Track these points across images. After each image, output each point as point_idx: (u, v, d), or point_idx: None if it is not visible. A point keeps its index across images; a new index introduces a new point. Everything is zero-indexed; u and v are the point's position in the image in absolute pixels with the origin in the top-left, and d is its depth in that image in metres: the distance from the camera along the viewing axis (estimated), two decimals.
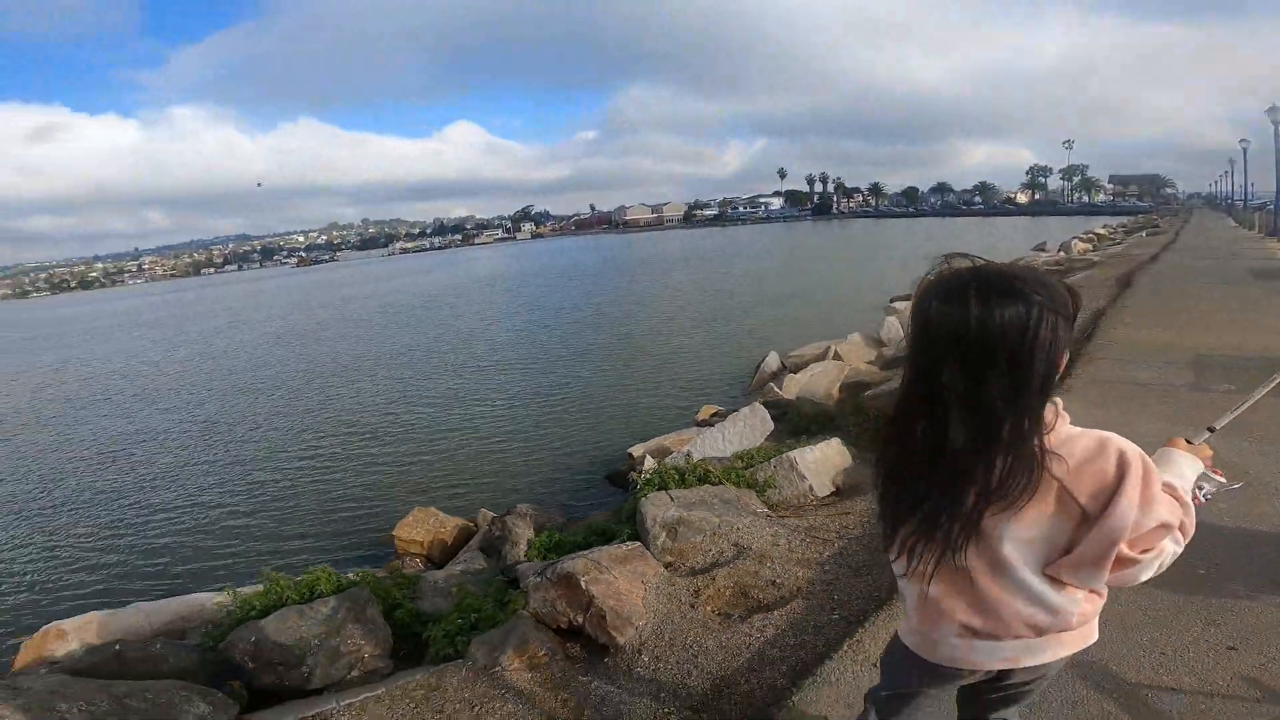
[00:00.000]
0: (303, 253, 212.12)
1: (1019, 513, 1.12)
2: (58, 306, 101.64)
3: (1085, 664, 2.38)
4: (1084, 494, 1.10)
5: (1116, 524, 1.08)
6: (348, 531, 8.21)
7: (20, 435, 14.92)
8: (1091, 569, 1.13)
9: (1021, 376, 1.06)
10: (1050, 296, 1.06)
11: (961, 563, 1.19)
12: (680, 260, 52.20)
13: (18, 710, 2.60)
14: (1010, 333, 1.04)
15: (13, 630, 6.19)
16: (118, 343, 34.21)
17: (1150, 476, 1.09)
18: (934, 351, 1.10)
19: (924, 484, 1.16)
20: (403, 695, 2.79)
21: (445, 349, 21.10)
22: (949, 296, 1.08)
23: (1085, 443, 1.12)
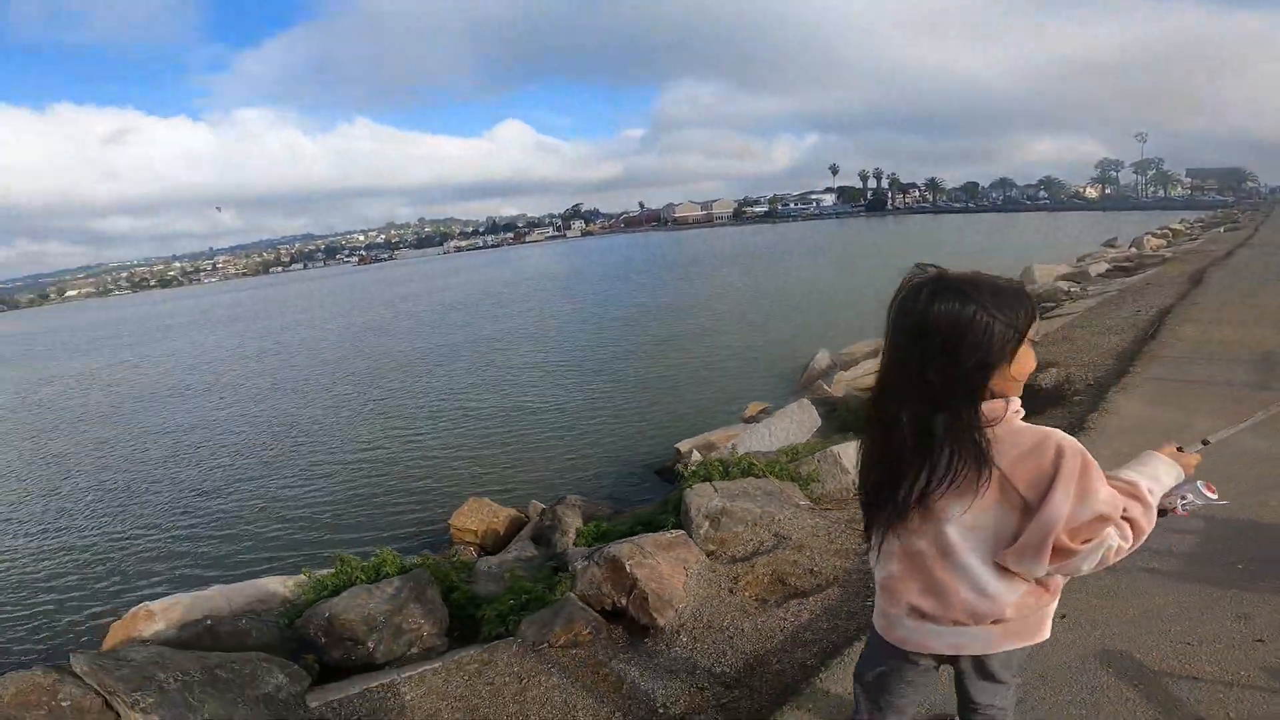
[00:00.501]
0: (363, 251, 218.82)
1: (965, 499, 1.21)
2: (139, 305, 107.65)
3: (1110, 652, 2.44)
4: (1023, 484, 1.18)
5: (1051, 514, 1.16)
6: (407, 519, 8.60)
7: (101, 427, 15.99)
8: (1032, 557, 1.20)
9: (956, 366, 1.18)
10: (994, 302, 1.19)
11: (915, 546, 1.31)
12: (730, 258, 51.99)
13: (120, 680, 2.91)
14: (944, 324, 1.18)
15: (102, 612, 6.77)
16: (193, 339, 36.14)
17: (1088, 470, 1.16)
18: (892, 343, 1.26)
19: (883, 467, 1.30)
20: (458, 668, 3.02)
21: (499, 345, 21.60)
22: (908, 295, 1.24)
23: (1028, 436, 1.21)
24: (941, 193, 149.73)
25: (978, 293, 1.19)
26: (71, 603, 7.32)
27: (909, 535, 1.32)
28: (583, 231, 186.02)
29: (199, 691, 2.94)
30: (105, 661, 2.98)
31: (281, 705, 3.04)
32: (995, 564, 1.25)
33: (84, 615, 6.95)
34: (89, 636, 6.23)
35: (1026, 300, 1.23)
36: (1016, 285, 1.25)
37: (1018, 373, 1.23)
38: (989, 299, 1.19)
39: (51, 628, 6.84)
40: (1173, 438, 1.47)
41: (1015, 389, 1.25)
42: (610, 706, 2.64)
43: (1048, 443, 1.18)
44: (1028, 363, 1.24)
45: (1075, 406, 5.72)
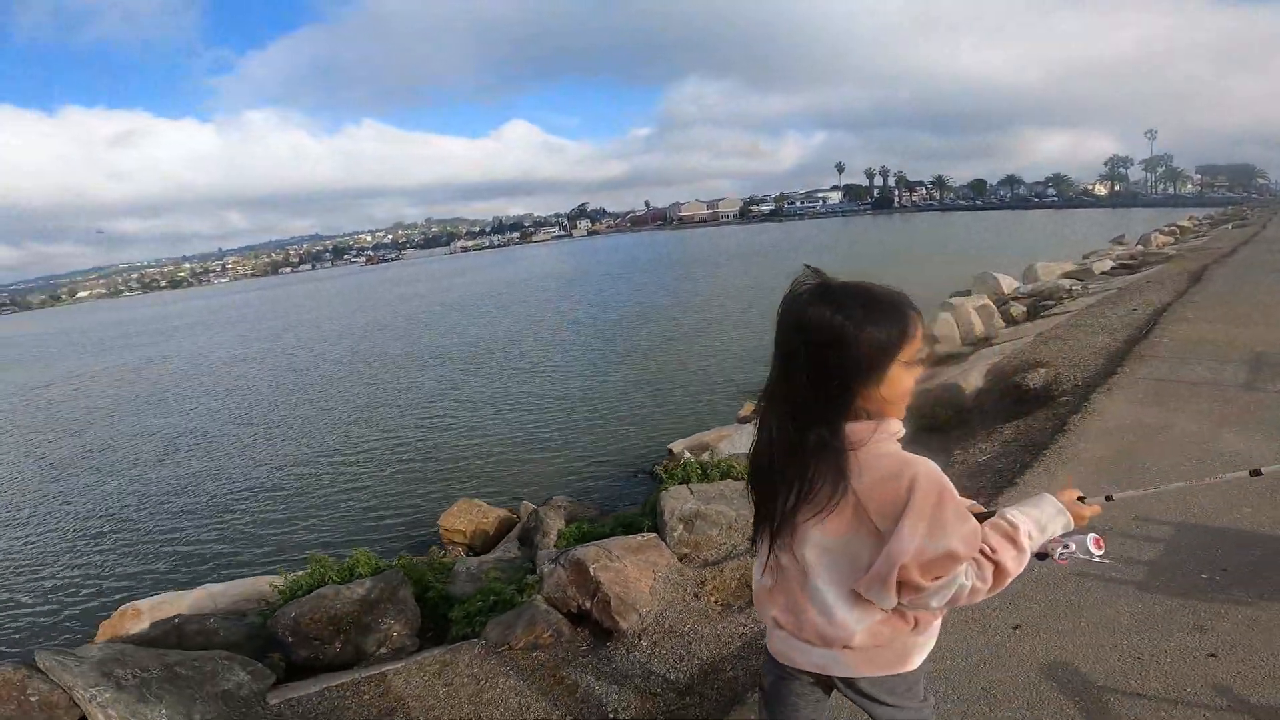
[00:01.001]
0: (370, 251, 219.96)
1: (823, 521, 1.18)
2: (148, 306, 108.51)
3: (1058, 665, 2.41)
4: (875, 511, 1.14)
5: (896, 546, 1.11)
6: (397, 520, 8.64)
7: (100, 428, 16.15)
8: (879, 588, 1.16)
9: (818, 379, 1.14)
10: (866, 315, 1.13)
11: (781, 561, 1.28)
12: (734, 256, 51.99)
13: (79, 676, 2.94)
14: (812, 333, 1.14)
15: (93, 609, 6.84)
16: (198, 340, 36.42)
17: (943, 503, 1.11)
18: (775, 346, 1.22)
19: (762, 476, 1.28)
20: (419, 669, 3.03)
21: (497, 345, 21.66)
22: (789, 298, 1.20)
23: (888, 463, 1.15)
24: (949, 190, 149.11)
25: (850, 303, 1.15)
26: (65, 600, 7.41)
27: (780, 550, 1.28)
28: (589, 231, 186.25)
29: (156, 688, 2.96)
30: (65, 659, 3.01)
31: (241, 703, 3.06)
32: (851, 591, 1.22)
33: (79, 611, 7.04)
34: (80, 634, 6.28)
35: (906, 317, 1.16)
36: (898, 299, 1.19)
37: (889, 394, 1.17)
38: (860, 311, 1.14)
39: (44, 624, 6.94)
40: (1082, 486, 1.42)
41: (893, 410, 1.19)
42: (562, 710, 2.64)
43: (905, 472, 1.13)
44: (902, 385, 1.17)
45: (1060, 407, 5.67)
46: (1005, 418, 5.84)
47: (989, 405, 6.43)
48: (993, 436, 5.41)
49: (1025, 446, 4.93)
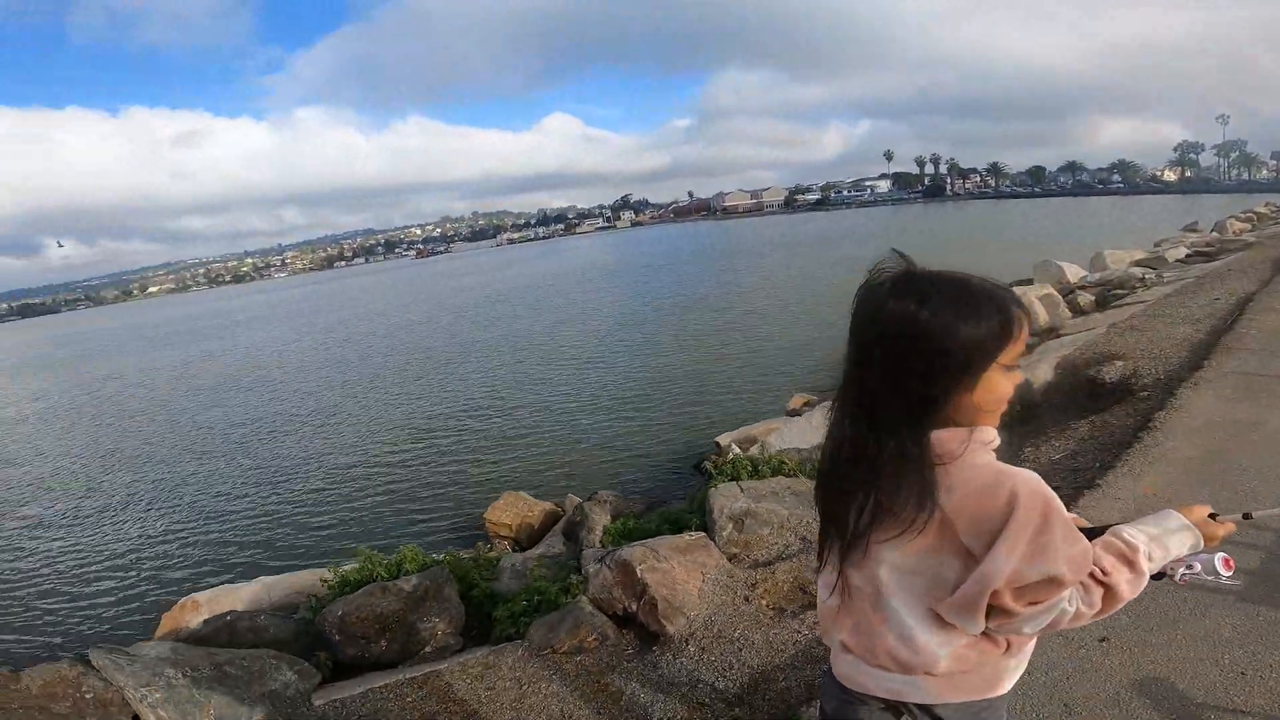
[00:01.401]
0: (420, 245, 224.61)
1: (903, 541, 1.04)
2: (214, 300, 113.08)
3: (1151, 680, 2.23)
4: (965, 531, 1.00)
5: (989, 569, 0.97)
6: (445, 512, 8.69)
7: (161, 422, 16.74)
8: (965, 613, 1.03)
9: (899, 382, 1.01)
10: (957, 309, 0.99)
11: (853, 580, 1.15)
12: (779, 246, 51.04)
13: (130, 675, 2.95)
14: (892, 329, 1.01)
15: (155, 602, 7.00)
16: (254, 334, 37.69)
17: (1049, 523, 0.97)
18: (846, 344, 1.08)
19: (831, 488, 1.14)
20: (462, 671, 2.95)
21: (542, 338, 21.73)
22: (867, 289, 1.06)
23: (982, 476, 1.01)
24: (1005, 178, 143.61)
25: (939, 296, 1.00)
26: (130, 591, 7.64)
27: (850, 567, 1.15)
28: (632, 222, 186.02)
29: (205, 688, 2.96)
30: (118, 657, 3.03)
31: (287, 703, 3.03)
32: (931, 612, 1.07)
33: (143, 604, 7.22)
34: (143, 626, 6.43)
35: (1006, 312, 1.01)
36: (998, 293, 1.03)
37: (983, 401, 1.02)
38: (950, 304, 0.99)
39: (110, 615, 7.14)
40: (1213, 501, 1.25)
41: (986, 419, 1.05)
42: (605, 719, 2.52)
43: (1002, 485, 0.98)
44: (999, 391, 1.03)
45: (1140, 402, 5.29)
46: (1079, 413, 5.48)
47: (1059, 400, 6.06)
48: (1066, 434, 5.08)
49: (1104, 445, 4.60)
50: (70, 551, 8.95)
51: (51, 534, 9.68)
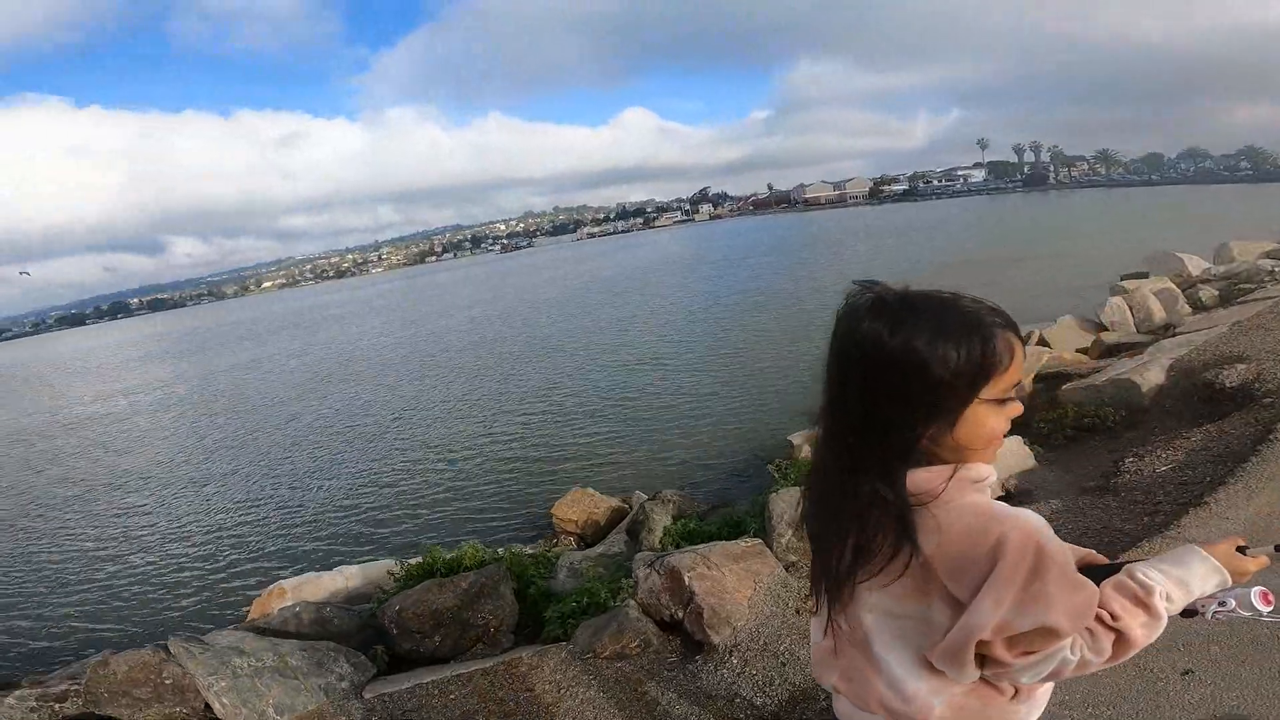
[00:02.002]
0: (504, 240, 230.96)
1: (886, 585, 0.96)
2: (317, 295, 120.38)
3: None
4: (948, 577, 0.91)
5: (972, 621, 0.88)
6: (516, 506, 8.84)
7: (256, 414, 17.74)
8: (949, 662, 0.94)
9: (871, 416, 0.92)
10: (934, 336, 0.89)
11: (839, 623, 1.07)
12: (863, 238, 49.25)
13: (200, 664, 3.09)
14: (866, 357, 0.92)
15: (249, 586, 7.44)
16: (348, 328, 39.72)
17: (1041, 570, 0.87)
18: (825, 370, 1.00)
19: (818, 524, 1.06)
20: (505, 670, 2.94)
21: (616, 332, 21.84)
22: (845, 314, 0.98)
23: (968, 519, 0.91)
24: (1116, 165, 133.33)
25: (917, 319, 0.91)
26: (228, 575, 8.12)
27: (837, 610, 1.06)
28: (711, 215, 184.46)
29: (267, 678, 3.08)
30: (192, 645, 3.19)
31: (340, 695, 3.10)
32: (923, 659, 0.99)
33: (238, 586, 7.66)
34: (236, 609, 6.79)
35: (989, 340, 0.91)
36: (984, 315, 0.93)
37: (967, 438, 0.93)
38: (929, 330, 0.90)
39: (209, 598, 7.60)
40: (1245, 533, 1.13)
41: (976, 456, 0.95)
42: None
43: (989, 530, 0.89)
44: (986, 428, 0.93)
45: (1264, 411, 4.71)
46: (1192, 421, 4.96)
47: (1171, 405, 5.51)
48: (1175, 444, 4.58)
49: (1218, 457, 4.12)
50: (175, 537, 9.60)
51: (159, 520, 10.44)
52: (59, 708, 3.30)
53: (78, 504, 11.80)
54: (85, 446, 17.01)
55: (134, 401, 23.95)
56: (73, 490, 12.78)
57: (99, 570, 8.72)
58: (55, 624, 7.44)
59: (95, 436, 18.14)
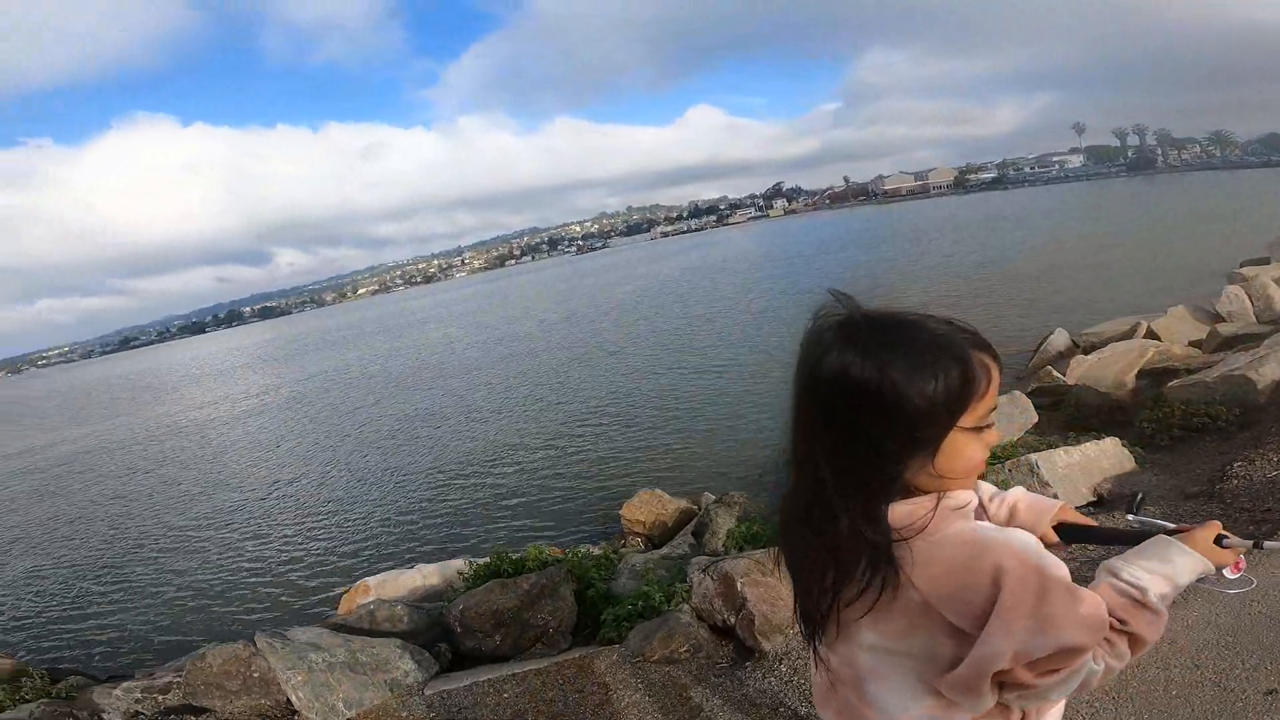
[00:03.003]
0: (580, 241, 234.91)
1: (877, 622, 0.92)
2: (406, 300, 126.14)
3: None
4: (950, 613, 0.86)
5: (984, 653, 0.84)
6: (587, 505, 8.97)
7: (347, 415, 18.69)
8: (963, 694, 0.90)
9: (843, 448, 0.89)
10: (909, 365, 0.85)
11: (830, 660, 1.02)
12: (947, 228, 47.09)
13: (280, 659, 3.28)
14: (833, 387, 0.88)
15: (339, 582, 7.81)
16: (429, 333, 41.32)
17: (1045, 595, 0.84)
18: (792, 392, 0.96)
19: (794, 558, 1.02)
20: (557, 671, 2.98)
21: (688, 332, 21.76)
22: (810, 337, 0.94)
23: (957, 550, 0.87)
24: (1232, 146, 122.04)
25: (887, 346, 0.87)
26: (320, 573, 8.57)
27: (826, 647, 1.02)
28: (785, 210, 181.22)
29: (338, 673, 3.24)
30: (275, 641, 3.39)
31: (404, 690, 3.23)
32: (927, 691, 0.94)
33: (331, 583, 8.06)
34: (330, 603, 7.17)
35: (965, 364, 0.87)
36: (958, 339, 0.89)
37: (946, 469, 0.89)
38: (902, 358, 0.86)
39: (308, 589, 8.08)
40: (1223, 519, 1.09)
41: (956, 485, 0.91)
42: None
43: (983, 560, 0.85)
44: (964, 456, 0.90)
45: None
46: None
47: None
48: None
49: None
50: (276, 536, 10.19)
51: (259, 520, 11.11)
52: (161, 699, 3.56)
53: (185, 506, 12.77)
54: (192, 450, 18.45)
55: (238, 407, 25.77)
56: (180, 491, 13.88)
57: (208, 569, 9.36)
58: (169, 620, 8.05)
59: (202, 440, 19.69)
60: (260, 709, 3.25)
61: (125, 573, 9.77)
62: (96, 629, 8.11)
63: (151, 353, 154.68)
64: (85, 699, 3.76)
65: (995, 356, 0.92)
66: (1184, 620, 2.57)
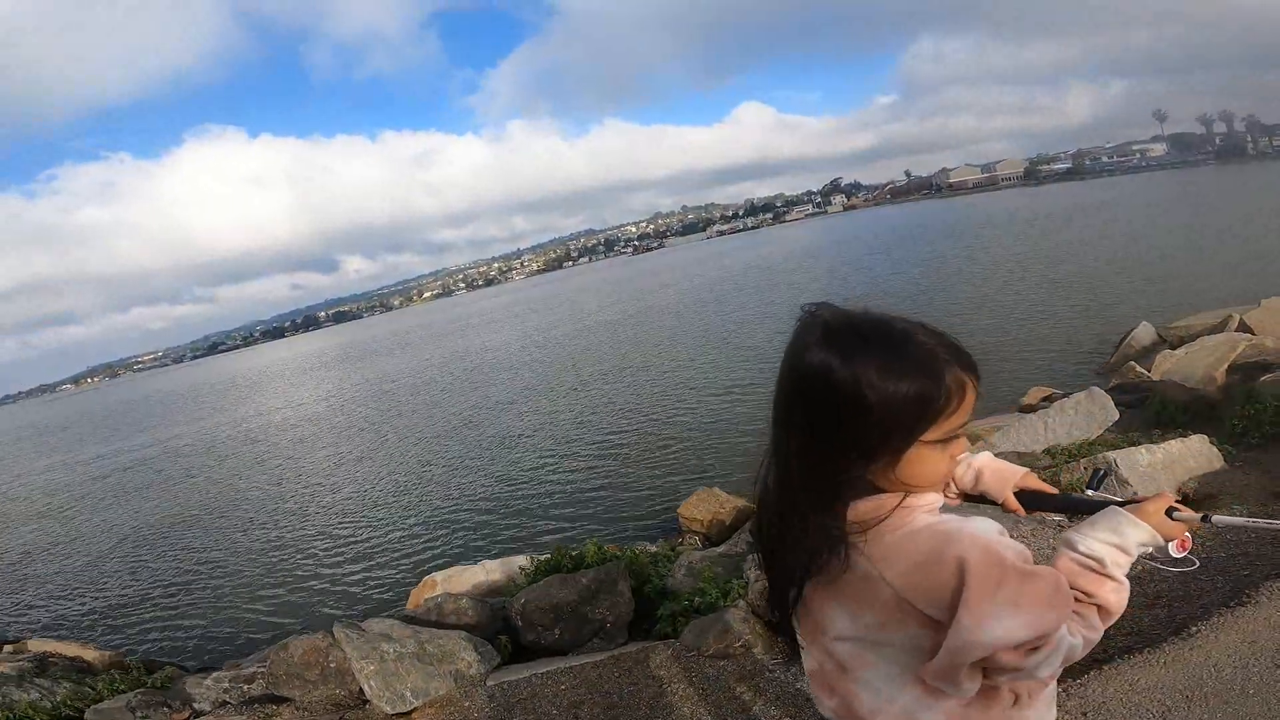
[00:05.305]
0: (636, 242, 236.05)
1: (853, 615, 0.96)
2: (467, 304, 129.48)
3: None
4: (925, 605, 0.89)
5: (957, 643, 0.87)
6: (646, 503, 9.04)
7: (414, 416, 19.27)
8: (944, 681, 0.93)
9: (810, 444, 0.92)
10: (882, 369, 0.87)
11: (813, 653, 1.07)
12: (1010, 221, 45.17)
13: (354, 649, 3.43)
14: (809, 384, 0.91)
15: (407, 577, 8.11)
16: (485, 337, 42.24)
17: (1005, 581, 0.86)
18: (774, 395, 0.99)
19: (768, 556, 1.06)
20: (613, 664, 3.03)
21: (747, 329, 21.58)
22: (795, 337, 0.96)
23: (921, 543, 0.91)
24: None
25: (866, 348, 0.89)
26: (393, 565, 8.91)
27: (808, 642, 1.07)
28: (844, 206, 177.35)
29: (407, 663, 3.38)
30: (351, 631, 3.55)
31: (467, 681, 3.33)
32: (912, 681, 0.97)
33: (399, 577, 8.39)
34: (401, 596, 7.36)
35: (936, 380, 0.88)
36: (932, 349, 0.90)
37: (911, 478, 0.92)
38: (875, 363, 0.87)
39: (385, 583, 8.39)
40: None
41: (919, 491, 0.94)
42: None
43: (946, 553, 0.88)
44: (928, 468, 0.92)
45: None
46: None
47: None
48: None
49: None
50: (350, 534, 10.57)
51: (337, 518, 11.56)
52: (247, 689, 3.76)
53: (268, 505, 13.40)
54: (277, 451, 19.35)
55: (314, 409, 26.94)
56: (264, 492, 14.57)
57: (289, 565, 9.77)
58: (252, 613, 8.47)
59: (286, 441, 20.62)
60: (335, 698, 3.40)
61: (214, 569, 10.33)
62: (190, 622, 8.60)
63: (238, 357, 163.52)
64: (178, 689, 3.97)
65: (975, 375, 0.92)
66: (1266, 619, 2.42)
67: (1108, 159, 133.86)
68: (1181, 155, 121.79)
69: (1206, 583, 2.80)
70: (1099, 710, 2.17)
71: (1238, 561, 2.90)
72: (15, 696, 4.32)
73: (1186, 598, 2.73)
